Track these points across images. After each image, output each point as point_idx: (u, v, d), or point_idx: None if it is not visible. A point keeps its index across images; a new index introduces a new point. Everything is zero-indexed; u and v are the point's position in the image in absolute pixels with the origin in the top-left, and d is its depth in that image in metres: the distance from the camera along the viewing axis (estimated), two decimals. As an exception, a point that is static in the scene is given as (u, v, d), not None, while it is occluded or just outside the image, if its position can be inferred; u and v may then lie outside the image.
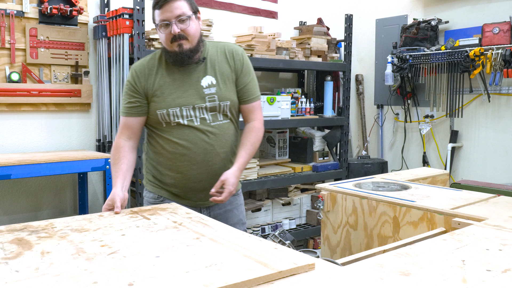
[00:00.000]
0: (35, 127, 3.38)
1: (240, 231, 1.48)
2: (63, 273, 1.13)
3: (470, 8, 4.27)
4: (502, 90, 4.04)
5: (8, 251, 1.30)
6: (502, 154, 4.10)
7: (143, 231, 1.51)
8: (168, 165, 2.04)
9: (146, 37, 3.29)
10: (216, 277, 1.08)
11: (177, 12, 1.89)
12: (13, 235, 1.46)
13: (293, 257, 1.21)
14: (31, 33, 3.26)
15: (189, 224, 1.57)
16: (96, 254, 1.27)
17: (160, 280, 1.07)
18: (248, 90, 2.09)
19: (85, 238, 1.42)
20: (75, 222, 1.62)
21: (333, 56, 4.40)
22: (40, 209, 3.45)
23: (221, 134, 2.03)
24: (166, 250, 1.30)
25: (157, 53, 2.07)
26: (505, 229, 1.56)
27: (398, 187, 2.32)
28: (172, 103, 1.97)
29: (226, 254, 1.25)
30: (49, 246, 1.34)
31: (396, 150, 4.95)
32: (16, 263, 1.20)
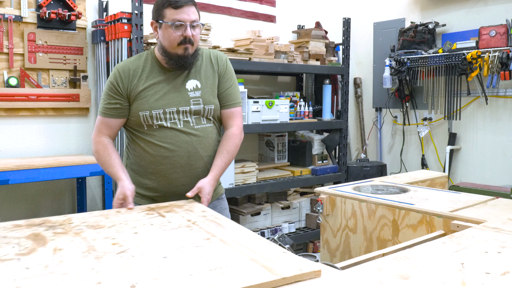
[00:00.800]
0: (33, 132, 3.37)
1: (252, 232, 1.48)
2: (70, 272, 1.14)
3: (467, 11, 4.29)
4: (499, 93, 4.06)
5: (23, 247, 1.34)
6: (500, 156, 4.11)
7: (156, 229, 1.52)
8: (151, 168, 2.00)
9: (145, 41, 3.29)
10: (219, 282, 1.08)
11: (193, 17, 1.92)
12: (31, 230, 1.51)
13: (300, 263, 1.19)
14: (29, 38, 3.26)
15: (202, 223, 1.58)
16: (106, 252, 1.29)
17: (163, 283, 1.08)
18: (228, 95, 2.09)
19: (98, 236, 1.45)
20: (92, 218, 1.66)
21: (331, 60, 4.41)
22: (39, 214, 3.44)
23: (204, 137, 2.02)
24: (175, 250, 1.31)
25: (143, 54, 2.05)
26: (504, 231, 1.56)
27: (397, 190, 2.32)
28: (155, 104, 1.95)
29: (232, 257, 1.25)
30: (62, 243, 1.37)
31: (395, 153, 4.95)
32: (27, 260, 1.23)
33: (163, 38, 1.95)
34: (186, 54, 1.94)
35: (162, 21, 1.92)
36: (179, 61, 1.95)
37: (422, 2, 4.64)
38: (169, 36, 1.92)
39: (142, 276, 1.12)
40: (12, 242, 1.38)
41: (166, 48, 1.95)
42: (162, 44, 1.96)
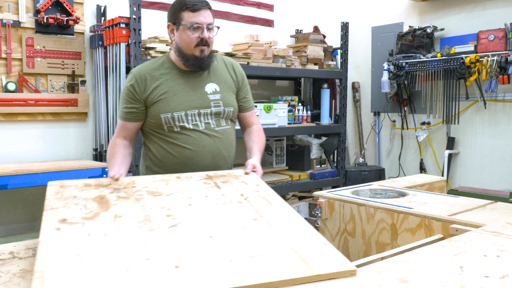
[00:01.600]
0: (31, 137, 3.37)
1: (298, 215, 1.51)
2: (124, 244, 1.24)
3: (465, 15, 4.30)
4: (498, 97, 4.06)
5: (88, 210, 1.45)
6: (499, 160, 4.11)
7: (209, 202, 1.58)
8: (175, 170, 2.00)
9: (143, 46, 3.29)
10: (256, 271, 1.12)
11: (209, 20, 1.98)
12: (98, 191, 1.61)
13: (337, 260, 1.21)
14: (27, 43, 3.26)
15: (253, 200, 1.62)
16: (159, 225, 1.37)
17: (204, 266, 1.14)
18: (248, 100, 2.21)
19: (155, 204, 1.53)
20: (154, 183, 1.73)
21: (330, 64, 4.42)
22: (37, 219, 3.43)
23: (225, 138, 2.07)
24: (222, 229, 1.37)
25: (159, 59, 2.09)
26: (503, 235, 1.55)
27: (395, 194, 2.31)
28: (177, 107, 1.98)
29: (274, 244, 1.28)
30: (123, 209, 1.47)
31: (393, 157, 4.95)
32: (90, 225, 1.34)
33: (180, 40, 1.99)
34: (202, 55, 1.99)
35: (179, 23, 1.97)
36: (196, 62, 2.00)
37: (420, 6, 4.65)
38: (187, 38, 1.96)
39: (187, 256, 1.18)
40: (80, 204, 1.49)
41: (183, 50, 1.99)
42: (179, 46, 2.00)
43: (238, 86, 2.16)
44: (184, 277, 1.09)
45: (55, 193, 1.57)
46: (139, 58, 3.15)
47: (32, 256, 1.34)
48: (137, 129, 2.08)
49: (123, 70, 3.28)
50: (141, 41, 3.17)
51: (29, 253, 1.37)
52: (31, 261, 1.30)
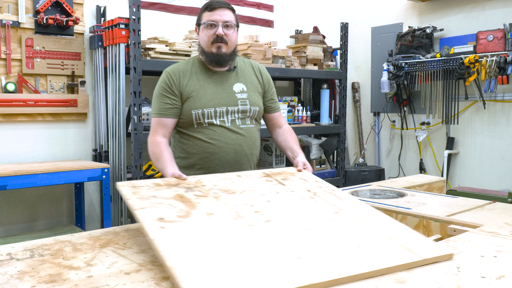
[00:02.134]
0: (31, 137, 3.37)
1: (371, 207, 1.61)
2: (235, 239, 1.29)
3: (464, 16, 4.30)
4: (497, 97, 4.06)
5: (177, 209, 1.48)
6: (498, 161, 4.11)
7: (284, 198, 1.66)
8: (199, 165, 2.09)
9: (142, 46, 3.30)
10: (371, 258, 1.21)
11: (225, 18, 2.07)
12: (172, 190, 1.64)
13: (431, 245, 1.31)
14: (27, 43, 3.27)
15: (322, 195, 1.71)
16: (254, 220, 1.43)
17: (324, 256, 1.21)
18: (275, 102, 2.33)
19: (236, 201, 1.58)
20: (219, 181, 1.78)
21: (329, 64, 4.42)
22: (37, 219, 3.44)
23: (249, 136, 2.15)
24: (314, 222, 1.45)
25: (190, 60, 2.19)
26: (500, 235, 1.56)
27: (394, 194, 2.32)
28: (207, 104, 2.07)
29: (369, 234, 1.38)
30: (209, 207, 1.51)
31: (393, 157, 4.95)
32: (189, 223, 1.38)
33: (201, 39, 2.12)
34: (219, 52, 2.07)
35: (200, 24, 2.11)
36: (214, 58, 2.09)
37: (420, 7, 4.65)
38: (204, 36, 2.09)
39: (302, 248, 1.25)
40: (164, 203, 1.52)
41: (203, 48, 2.11)
42: (201, 45, 2.13)
43: (264, 88, 2.26)
44: (309, 266, 1.15)
45: (133, 193, 1.59)
46: (138, 59, 3.15)
47: (30, 257, 1.35)
48: (173, 127, 2.12)
49: (123, 70, 3.28)
50: (140, 42, 3.18)
51: (26, 254, 1.37)
52: (28, 263, 1.30)
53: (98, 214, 3.66)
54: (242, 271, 1.11)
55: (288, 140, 2.25)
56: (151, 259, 1.33)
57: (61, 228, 3.35)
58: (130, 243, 1.49)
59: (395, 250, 1.26)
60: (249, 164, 2.17)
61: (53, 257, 1.35)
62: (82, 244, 1.48)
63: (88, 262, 1.31)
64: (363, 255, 1.22)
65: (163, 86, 2.10)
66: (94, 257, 1.35)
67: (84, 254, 1.38)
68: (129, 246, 1.45)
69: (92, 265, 1.28)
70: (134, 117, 3.17)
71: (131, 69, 3.16)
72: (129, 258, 1.34)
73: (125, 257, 1.35)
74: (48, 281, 1.17)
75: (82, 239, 1.53)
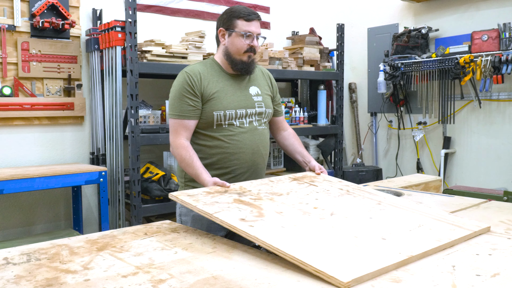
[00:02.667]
0: (27, 141, 3.37)
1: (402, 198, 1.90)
2: (319, 229, 1.45)
3: (459, 16, 4.32)
4: (492, 96, 4.08)
5: (247, 210, 1.60)
6: (494, 159, 4.13)
7: (326, 196, 1.82)
8: (218, 165, 2.12)
9: (139, 49, 3.30)
10: (436, 234, 1.45)
11: (259, 31, 2.17)
12: (227, 196, 1.74)
13: (471, 222, 1.61)
14: (23, 47, 3.27)
15: (355, 191, 1.90)
16: (321, 214, 1.59)
17: (401, 236, 1.42)
18: (280, 106, 2.43)
19: (290, 201, 1.72)
20: (260, 186, 1.91)
21: (326, 65, 4.43)
22: (34, 223, 3.43)
23: (264, 137, 2.23)
24: (369, 212, 1.64)
25: (207, 61, 2.23)
26: (495, 233, 1.56)
27: (391, 194, 2.32)
28: (229, 105, 2.12)
29: (421, 218, 1.61)
30: (273, 207, 1.64)
31: (391, 157, 4.96)
32: (269, 221, 1.50)
33: (232, 45, 2.14)
34: (249, 61, 2.16)
35: (233, 30, 2.13)
36: (243, 66, 2.16)
37: (415, 7, 4.67)
38: (238, 44, 2.13)
39: (383, 232, 1.45)
40: (232, 207, 1.62)
41: (232, 54, 2.15)
42: (229, 50, 2.15)
43: (273, 93, 2.35)
44: (396, 245, 1.36)
45: (195, 201, 1.68)
46: (135, 62, 3.16)
47: (27, 261, 1.35)
48: (193, 129, 2.14)
49: (119, 73, 3.29)
50: (137, 44, 3.18)
51: (23, 258, 1.38)
52: (25, 267, 1.30)
53: (96, 218, 3.66)
54: (351, 253, 1.29)
55: (295, 145, 2.37)
56: (149, 262, 1.34)
57: (58, 232, 3.34)
58: (127, 246, 1.49)
59: (448, 227, 1.51)
60: (264, 165, 2.24)
61: (50, 261, 1.35)
62: (79, 247, 1.48)
63: (85, 265, 1.31)
64: (428, 233, 1.46)
65: (184, 87, 2.10)
66: (91, 260, 1.35)
67: (81, 257, 1.38)
68: (126, 249, 1.46)
69: (89, 269, 1.28)
70: (131, 120, 3.17)
71: (128, 71, 3.16)
72: (127, 261, 1.34)
73: (123, 260, 1.35)
74: (45, 285, 1.17)
75: (79, 243, 1.53)
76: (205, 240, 1.55)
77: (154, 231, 1.67)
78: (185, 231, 1.67)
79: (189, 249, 1.46)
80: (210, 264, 1.31)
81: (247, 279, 1.20)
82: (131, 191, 3.22)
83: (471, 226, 1.53)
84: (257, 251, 1.43)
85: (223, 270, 1.27)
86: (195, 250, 1.44)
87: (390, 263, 1.24)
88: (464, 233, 1.48)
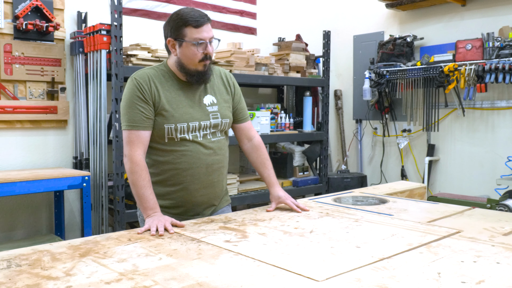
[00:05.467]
0: (9, 145, 3.31)
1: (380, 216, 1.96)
2: (301, 244, 1.54)
3: (444, 25, 4.38)
4: (476, 105, 4.13)
5: (232, 234, 1.67)
6: (477, 167, 4.17)
7: (308, 218, 1.91)
8: (171, 181, 2.01)
9: (124, 53, 3.27)
10: (408, 242, 1.55)
11: (211, 34, 1.98)
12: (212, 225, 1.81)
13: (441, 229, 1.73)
14: (5, 49, 3.22)
15: (335, 213, 2.01)
16: (301, 233, 1.68)
17: (376, 244, 1.53)
18: (242, 110, 2.22)
19: (272, 225, 1.81)
20: (244, 215, 2.00)
21: (312, 72, 4.45)
22: (15, 229, 3.37)
23: (219, 149, 2.08)
24: (347, 228, 1.74)
25: (158, 67, 2.05)
26: (479, 241, 1.57)
27: (376, 201, 2.33)
28: (181, 118, 1.97)
29: (395, 229, 1.72)
30: (257, 230, 1.73)
31: (375, 164, 4.99)
32: (253, 241, 1.58)
33: (184, 56, 1.96)
34: (205, 70, 1.99)
35: (182, 40, 1.94)
36: (200, 77, 2.00)
37: (401, 16, 4.72)
38: (191, 54, 1.95)
39: (357, 242, 1.55)
40: (217, 232, 1.70)
41: (186, 65, 1.97)
42: (182, 61, 1.98)
43: (232, 97, 2.17)
44: (367, 251, 1.46)
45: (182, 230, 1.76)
46: (120, 65, 3.13)
47: (7, 268, 1.32)
48: (148, 141, 1.97)
49: (104, 77, 3.25)
50: (122, 48, 3.16)
51: (3, 264, 1.34)
52: (5, 273, 1.27)
53: (78, 223, 3.60)
54: (327, 259, 1.39)
55: (261, 161, 2.22)
56: (132, 268, 1.31)
57: (40, 237, 3.29)
58: (111, 252, 1.47)
59: (419, 234, 1.65)
60: (221, 177, 2.11)
61: (31, 267, 1.32)
62: (61, 253, 1.45)
63: (67, 272, 1.28)
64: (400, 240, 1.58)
65: (134, 94, 1.93)
66: (73, 266, 1.33)
67: (63, 263, 1.35)
68: (109, 255, 1.43)
69: (71, 275, 1.26)
70: (116, 124, 3.13)
71: (113, 75, 3.13)
72: (110, 267, 1.32)
73: (106, 266, 1.33)
74: (26, 291, 1.14)
75: (61, 248, 1.50)
76: (190, 246, 1.53)
77: (138, 237, 1.65)
78: (169, 237, 1.65)
79: (174, 255, 1.44)
80: (195, 271, 1.29)
81: (232, 286, 1.19)
82: (114, 196, 3.18)
83: (441, 232, 1.66)
84: (242, 257, 1.41)
85: (208, 276, 1.25)
86: (180, 256, 1.43)
87: (362, 264, 1.35)
88: (434, 238, 1.59)
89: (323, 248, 1.50)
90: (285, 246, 1.53)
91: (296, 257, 1.41)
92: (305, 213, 2.02)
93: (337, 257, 1.42)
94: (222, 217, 1.97)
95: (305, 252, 1.47)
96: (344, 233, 1.67)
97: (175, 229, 1.76)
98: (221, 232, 1.71)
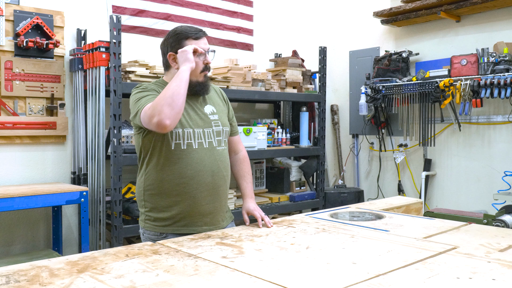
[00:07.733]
0: (8, 160, 3.32)
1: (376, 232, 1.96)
2: (298, 260, 1.56)
3: (439, 41, 4.43)
4: (471, 119, 4.17)
5: (229, 250, 1.69)
6: (474, 182, 4.19)
7: (304, 234, 1.93)
8: (176, 191, 2.02)
9: (123, 69, 3.31)
10: (404, 258, 1.56)
11: (208, 46, 2.10)
12: (209, 241, 1.83)
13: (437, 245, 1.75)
14: (6, 66, 3.25)
15: (332, 229, 2.03)
16: (297, 249, 1.69)
17: (372, 260, 1.54)
18: (235, 125, 2.33)
19: (269, 241, 1.83)
20: (240, 230, 2.03)
21: (308, 87, 4.49)
22: (13, 243, 3.36)
23: (223, 157, 2.14)
24: (343, 244, 1.76)
25: (157, 82, 2.12)
26: (475, 257, 1.59)
27: (373, 216, 2.34)
28: (186, 124, 2.03)
29: (391, 245, 1.73)
30: (253, 246, 1.74)
31: (372, 179, 5.01)
32: (250, 257, 1.60)
33: None
34: (205, 80, 2.10)
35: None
36: (201, 87, 2.09)
37: (396, 32, 4.78)
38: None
39: (353, 258, 1.56)
40: (214, 248, 1.72)
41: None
42: None
43: (228, 110, 2.29)
44: (363, 267, 1.47)
45: (179, 246, 1.78)
46: (118, 82, 3.16)
47: (6, 283, 1.32)
48: None
49: (103, 93, 3.28)
50: (121, 65, 3.19)
51: (2, 280, 1.35)
52: (4, 289, 1.28)
53: (76, 238, 3.60)
54: (323, 276, 1.41)
55: (241, 174, 2.30)
56: (130, 284, 1.32)
57: (37, 252, 3.28)
58: (108, 267, 1.48)
59: (415, 251, 1.66)
60: (225, 186, 2.16)
61: (30, 283, 1.33)
62: (59, 269, 1.46)
63: (66, 288, 1.29)
64: (396, 256, 1.60)
65: (142, 91, 2.02)
66: (71, 282, 1.33)
67: (61, 279, 1.36)
68: (107, 271, 1.44)
69: (69, 291, 1.26)
70: (114, 140, 3.15)
71: (111, 91, 3.16)
72: (107, 283, 1.33)
73: (103, 282, 1.34)
74: (24, 308, 1.15)
75: (59, 264, 1.51)
76: (187, 262, 1.54)
77: (136, 253, 1.66)
78: (166, 253, 1.66)
79: (171, 271, 1.45)
80: (192, 287, 1.30)
81: (229, 302, 1.20)
82: (112, 211, 3.18)
83: (437, 248, 1.68)
84: (239, 274, 1.42)
85: (206, 293, 1.26)
86: (177, 272, 1.44)
87: (358, 281, 1.35)
88: (429, 254, 1.60)
89: (319, 264, 1.51)
90: (281, 262, 1.54)
91: (292, 273, 1.43)
92: (301, 229, 2.03)
93: (333, 273, 1.42)
94: (219, 232, 1.99)
95: (302, 268, 1.48)
96: (340, 249, 1.69)
97: None
98: (218, 248, 1.73)
